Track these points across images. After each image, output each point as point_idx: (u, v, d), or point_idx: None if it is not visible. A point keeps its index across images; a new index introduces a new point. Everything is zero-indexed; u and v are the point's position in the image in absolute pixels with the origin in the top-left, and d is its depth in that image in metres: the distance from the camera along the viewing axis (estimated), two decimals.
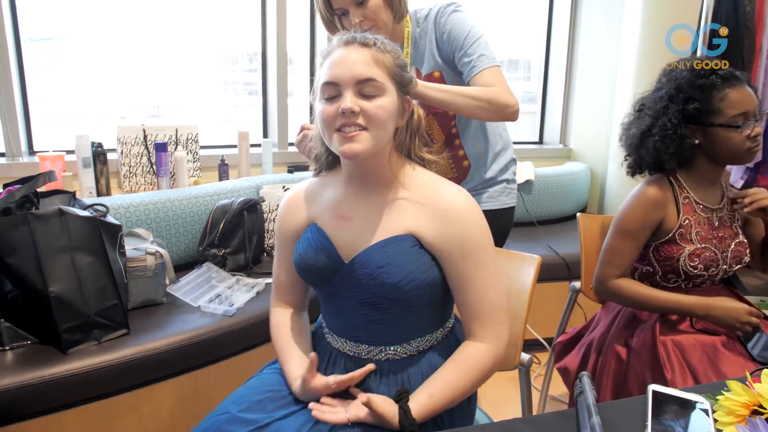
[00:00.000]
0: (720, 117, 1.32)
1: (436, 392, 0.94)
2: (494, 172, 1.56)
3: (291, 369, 1.03)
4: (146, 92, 2.57)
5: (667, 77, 1.41)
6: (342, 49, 0.94)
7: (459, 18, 1.39)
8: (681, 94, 1.35)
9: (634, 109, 1.48)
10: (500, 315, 0.99)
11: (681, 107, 1.35)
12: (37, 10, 2.18)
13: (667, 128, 1.35)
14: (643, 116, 1.42)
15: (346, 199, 1.03)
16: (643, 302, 1.38)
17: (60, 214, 1.44)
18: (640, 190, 1.41)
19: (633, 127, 1.46)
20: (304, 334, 1.11)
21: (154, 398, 1.49)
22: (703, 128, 1.35)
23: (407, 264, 0.95)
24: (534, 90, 3.52)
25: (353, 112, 0.90)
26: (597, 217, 1.75)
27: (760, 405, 0.73)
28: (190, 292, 1.80)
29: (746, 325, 1.30)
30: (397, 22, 1.40)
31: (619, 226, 1.42)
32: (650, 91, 1.46)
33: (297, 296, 1.16)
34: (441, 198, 0.98)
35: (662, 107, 1.37)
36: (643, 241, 1.41)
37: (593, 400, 0.80)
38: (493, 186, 1.56)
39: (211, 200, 2.09)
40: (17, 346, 1.43)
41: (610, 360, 1.43)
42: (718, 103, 1.32)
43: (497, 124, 1.57)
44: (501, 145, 1.57)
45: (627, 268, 1.42)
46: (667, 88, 1.38)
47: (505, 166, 1.58)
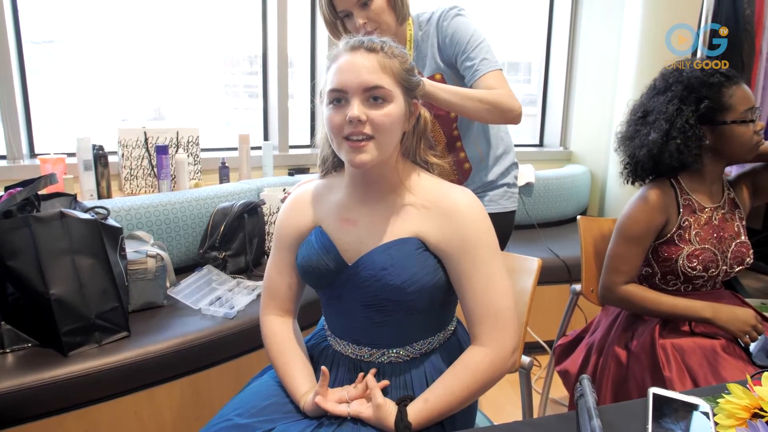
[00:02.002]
0: (732, 113, 1.33)
1: (431, 397, 0.93)
2: (495, 175, 1.56)
3: (297, 384, 1.01)
4: (147, 95, 2.57)
5: (673, 79, 1.39)
6: (349, 54, 0.94)
7: (462, 22, 1.39)
8: (692, 94, 1.34)
9: (634, 116, 1.46)
10: (503, 318, 0.95)
11: (695, 108, 1.34)
12: (38, 13, 2.18)
13: (687, 130, 1.33)
14: (656, 121, 1.38)
15: (351, 203, 1.03)
16: (652, 308, 1.37)
17: (61, 217, 1.44)
18: (642, 195, 1.40)
19: (641, 134, 1.42)
20: (301, 344, 1.09)
21: (155, 401, 1.49)
22: (713, 128, 1.35)
23: (411, 266, 0.95)
24: (534, 92, 3.52)
25: (360, 120, 0.90)
26: (597, 219, 1.75)
27: (760, 408, 0.73)
28: (190, 294, 1.80)
29: (753, 331, 1.29)
30: (400, 24, 1.40)
31: (623, 232, 1.41)
32: (648, 96, 1.44)
33: (290, 302, 1.12)
34: (445, 198, 0.98)
35: (675, 110, 1.35)
36: (648, 246, 1.40)
37: (594, 403, 0.80)
38: (493, 189, 1.56)
39: (211, 203, 2.10)
40: (18, 348, 1.43)
41: (610, 363, 1.43)
42: (729, 100, 1.33)
43: (499, 127, 1.57)
44: (503, 149, 1.57)
45: (634, 274, 1.42)
46: (675, 90, 1.37)
47: (507, 170, 1.58)
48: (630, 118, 1.48)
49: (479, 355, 0.96)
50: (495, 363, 0.95)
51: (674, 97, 1.36)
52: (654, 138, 1.37)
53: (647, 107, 1.43)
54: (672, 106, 1.36)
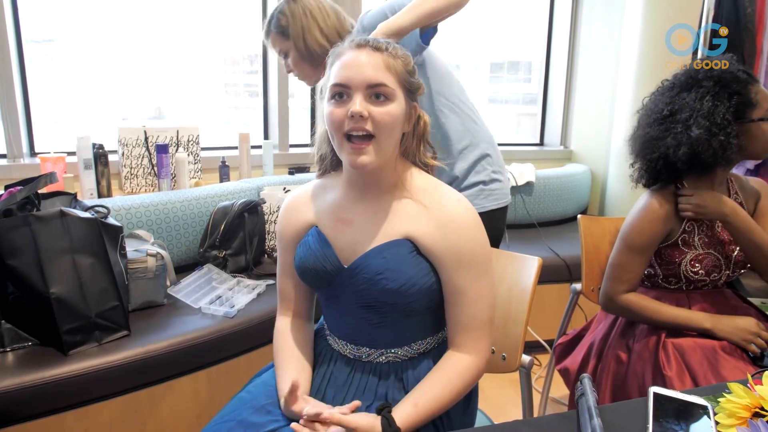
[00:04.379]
0: (758, 111, 1.31)
1: (422, 402, 0.93)
2: (461, 171, 1.45)
3: (281, 384, 1.01)
4: (147, 94, 2.57)
5: (702, 75, 1.33)
6: (354, 51, 0.94)
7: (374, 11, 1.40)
8: (724, 90, 1.30)
9: (658, 115, 1.37)
10: (486, 330, 0.99)
11: (728, 103, 1.30)
12: (38, 12, 2.18)
13: (726, 126, 1.29)
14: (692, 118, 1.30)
15: (347, 203, 1.03)
16: (652, 317, 1.37)
17: (61, 216, 1.44)
18: (647, 204, 1.37)
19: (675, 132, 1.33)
20: (303, 346, 1.08)
21: (155, 400, 1.49)
22: (741, 125, 1.31)
23: (407, 269, 0.95)
24: (535, 92, 3.52)
25: (362, 116, 0.90)
26: (598, 218, 1.75)
27: (761, 407, 0.73)
28: (190, 293, 1.80)
29: (757, 338, 1.29)
30: (318, 66, 1.48)
31: (627, 241, 1.39)
32: (669, 95, 1.37)
33: (300, 304, 1.12)
34: (441, 206, 0.98)
35: (711, 106, 1.29)
36: (652, 254, 1.39)
37: (594, 402, 0.79)
38: (465, 190, 1.44)
39: (211, 202, 2.10)
40: (18, 347, 1.43)
41: (610, 362, 1.43)
42: (755, 97, 1.31)
43: (461, 117, 1.46)
44: (467, 141, 1.46)
45: (636, 282, 1.40)
46: (707, 86, 1.32)
47: (474, 164, 1.46)
48: (652, 119, 1.39)
49: (466, 362, 0.98)
50: (480, 370, 0.99)
51: (706, 93, 1.31)
52: (697, 135, 1.29)
53: (674, 105, 1.35)
54: (707, 102, 1.30)
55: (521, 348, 1.21)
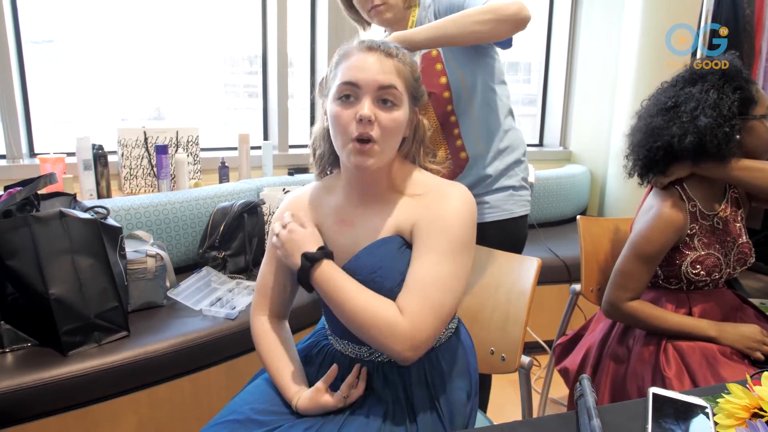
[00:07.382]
0: (759, 108, 1.31)
1: (342, 284, 0.93)
2: (495, 171, 1.44)
3: (288, 384, 1.00)
4: (147, 94, 2.57)
5: (707, 69, 1.34)
6: (365, 53, 0.94)
7: None
8: (729, 83, 1.30)
9: (662, 106, 1.37)
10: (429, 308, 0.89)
11: (733, 96, 1.29)
12: (38, 13, 2.18)
13: (731, 117, 1.28)
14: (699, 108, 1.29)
15: (347, 204, 1.03)
16: (658, 325, 1.35)
17: (61, 217, 1.44)
18: (659, 213, 1.34)
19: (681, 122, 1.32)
20: (290, 345, 1.09)
21: (155, 401, 1.49)
22: (743, 121, 1.31)
23: (399, 266, 0.95)
24: (534, 92, 3.53)
25: (370, 120, 0.90)
26: (597, 219, 1.75)
27: (760, 408, 0.73)
28: (190, 296, 1.80)
29: (763, 346, 1.28)
30: (406, 8, 1.37)
31: (637, 250, 1.36)
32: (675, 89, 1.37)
33: (282, 303, 1.12)
34: (437, 187, 0.99)
35: (717, 97, 1.29)
36: (659, 262, 1.38)
37: (593, 402, 0.79)
38: (494, 193, 1.45)
39: (211, 202, 2.10)
40: (17, 348, 1.43)
41: (610, 362, 1.43)
42: (756, 94, 1.32)
43: (508, 118, 1.46)
44: (508, 143, 1.45)
45: (641, 291, 1.39)
46: (711, 80, 1.31)
47: (509, 168, 1.45)
48: (655, 110, 1.38)
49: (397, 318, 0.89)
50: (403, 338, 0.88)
51: (711, 86, 1.31)
52: (705, 123, 1.27)
53: (678, 98, 1.35)
54: (713, 94, 1.29)
55: (520, 348, 1.21)
